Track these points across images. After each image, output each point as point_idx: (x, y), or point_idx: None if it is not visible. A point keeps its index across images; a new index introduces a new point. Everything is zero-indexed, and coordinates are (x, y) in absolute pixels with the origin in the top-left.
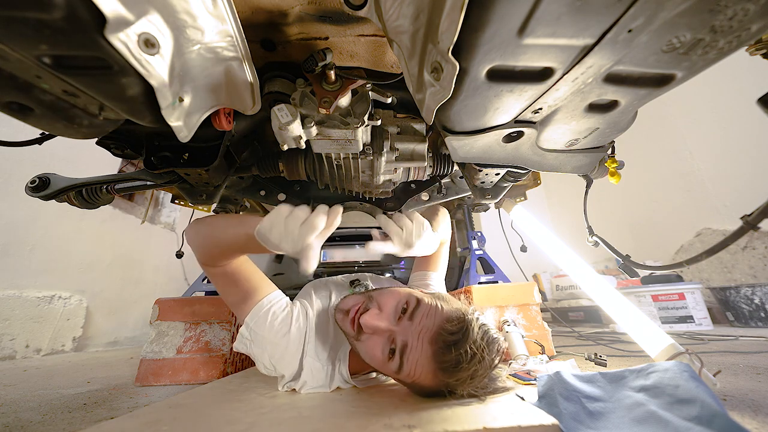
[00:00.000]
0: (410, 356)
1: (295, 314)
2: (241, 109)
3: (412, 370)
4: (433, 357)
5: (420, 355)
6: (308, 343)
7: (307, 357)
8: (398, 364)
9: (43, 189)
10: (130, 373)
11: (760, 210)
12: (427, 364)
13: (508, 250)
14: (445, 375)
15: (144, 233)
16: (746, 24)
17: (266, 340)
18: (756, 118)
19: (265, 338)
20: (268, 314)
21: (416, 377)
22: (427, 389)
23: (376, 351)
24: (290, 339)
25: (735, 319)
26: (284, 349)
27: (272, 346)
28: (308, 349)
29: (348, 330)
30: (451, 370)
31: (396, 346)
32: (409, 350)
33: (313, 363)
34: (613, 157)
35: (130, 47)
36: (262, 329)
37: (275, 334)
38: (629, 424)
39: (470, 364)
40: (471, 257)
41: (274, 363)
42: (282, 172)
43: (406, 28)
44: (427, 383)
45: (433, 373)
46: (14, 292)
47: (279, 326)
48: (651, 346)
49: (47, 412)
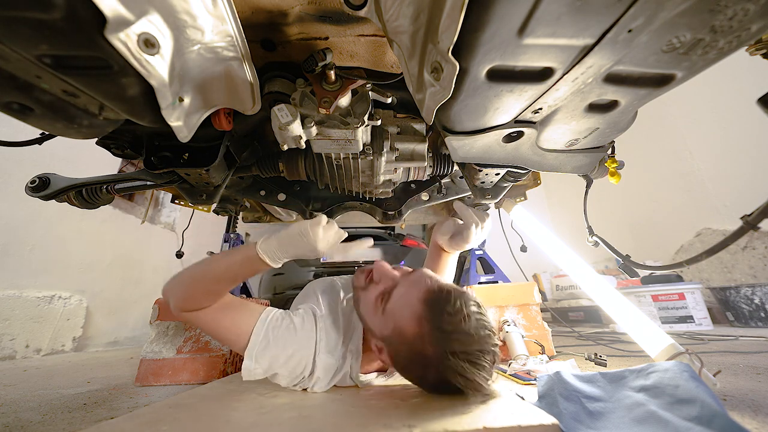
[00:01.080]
0: (397, 293)
1: (289, 320)
2: (241, 109)
3: (396, 307)
4: (423, 300)
5: (409, 295)
6: (320, 341)
7: (320, 354)
8: (385, 303)
9: (43, 189)
10: (130, 373)
11: (760, 210)
12: (415, 304)
13: (508, 250)
14: (432, 322)
15: (144, 233)
16: (746, 24)
17: (274, 355)
18: (756, 118)
19: (272, 354)
20: (268, 332)
21: (400, 319)
22: (409, 341)
23: (371, 296)
24: (299, 341)
25: (735, 319)
26: (294, 353)
27: (283, 356)
28: (321, 347)
29: (359, 282)
30: (440, 317)
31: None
32: (399, 290)
33: (327, 359)
34: (613, 157)
35: (130, 47)
36: (267, 352)
37: (280, 345)
38: (629, 424)
39: (457, 315)
40: (471, 257)
41: (292, 370)
42: (282, 172)
43: (406, 28)
44: (410, 330)
45: (417, 318)
46: (14, 292)
47: (280, 337)
48: (651, 346)
49: (47, 412)
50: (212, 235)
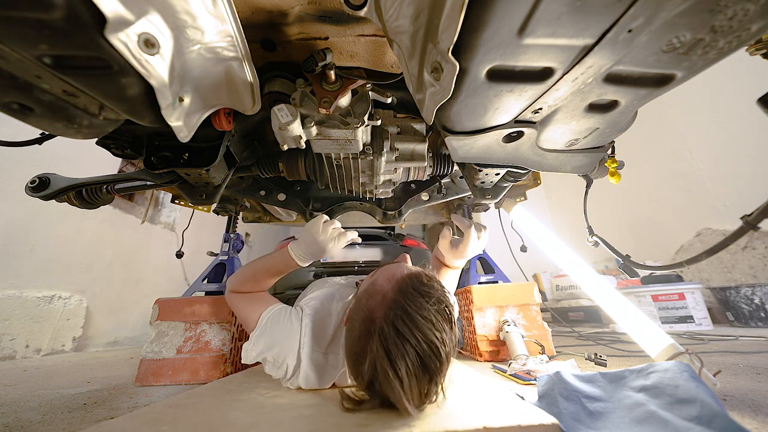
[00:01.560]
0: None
1: (286, 314)
2: (241, 109)
3: (381, 270)
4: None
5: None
6: (305, 336)
7: (304, 347)
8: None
9: (43, 189)
10: (130, 373)
11: (760, 210)
12: (401, 269)
13: (508, 250)
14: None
15: (144, 233)
16: (746, 24)
17: (267, 341)
18: (756, 118)
19: (266, 340)
20: (268, 321)
21: (379, 276)
22: (371, 292)
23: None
24: (284, 334)
25: (735, 319)
26: (281, 343)
27: (271, 337)
28: (305, 341)
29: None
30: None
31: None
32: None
33: (312, 353)
34: (613, 157)
35: (130, 47)
36: (262, 338)
37: (271, 333)
38: (629, 424)
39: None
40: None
41: (276, 357)
42: (282, 172)
43: (406, 28)
44: (380, 283)
45: (391, 278)
46: (14, 292)
47: (274, 326)
48: (651, 346)
49: (47, 412)
50: (212, 235)
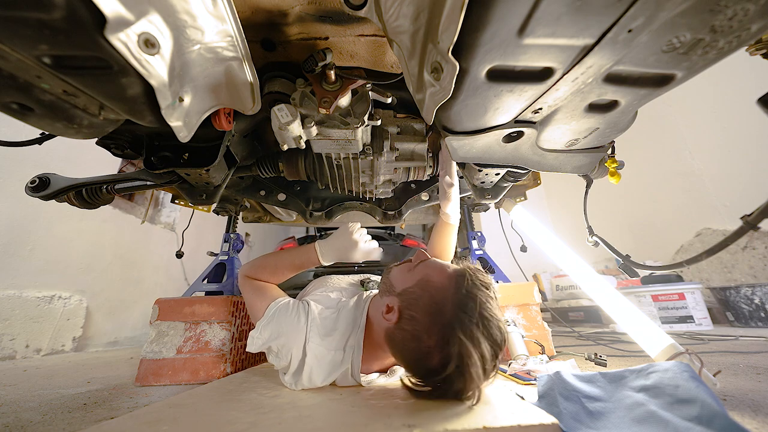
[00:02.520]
0: (433, 260)
1: (294, 307)
2: (241, 109)
3: (430, 264)
4: (456, 270)
5: (444, 263)
6: (311, 330)
7: (310, 343)
8: (418, 264)
9: (43, 189)
10: (130, 373)
11: (760, 210)
12: (450, 268)
13: (508, 250)
14: (460, 287)
15: (144, 233)
16: (746, 24)
17: (274, 324)
18: (756, 118)
19: (272, 329)
20: (278, 310)
21: (431, 271)
22: (433, 289)
23: (405, 264)
24: (291, 326)
25: (735, 319)
26: (290, 331)
27: (277, 328)
28: (311, 336)
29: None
30: (470, 289)
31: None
32: (434, 259)
33: (317, 348)
34: (613, 157)
35: (130, 47)
36: (268, 327)
37: (282, 320)
38: (629, 424)
39: (486, 296)
40: (471, 257)
41: (281, 347)
42: (282, 172)
43: (406, 28)
44: (438, 280)
45: (449, 276)
46: (14, 292)
47: (281, 317)
48: (651, 346)
49: (47, 412)
50: (212, 235)
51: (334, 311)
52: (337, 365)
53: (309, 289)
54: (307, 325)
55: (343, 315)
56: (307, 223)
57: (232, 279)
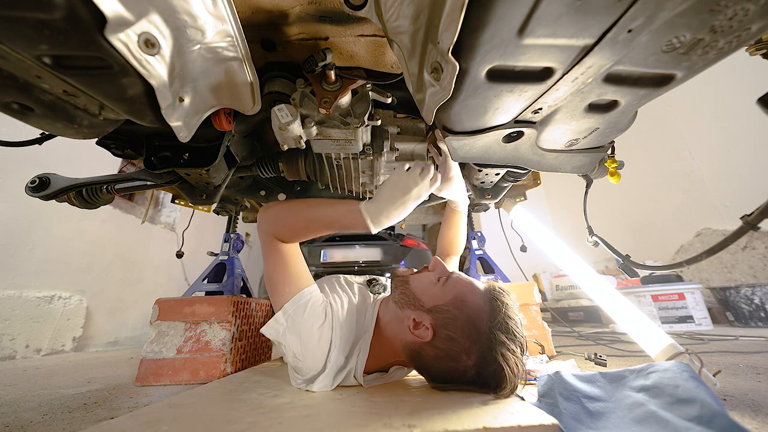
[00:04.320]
0: (458, 276)
1: (329, 309)
2: (241, 109)
3: (461, 282)
4: (491, 286)
5: (472, 280)
6: (336, 337)
7: (334, 350)
8: (447, 280)
9: (43, 189)
10: (130, 373)
11: (760, 210)
12: (479, 286)
13: (508, 250)
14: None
15: (144, 233)
16: (746, 24)
17: (302, 329)
18: (756, 118)
19: (301, 327)
20: (307, 304)
21: (464, 290)
22: (469, 309)
23: (430, 275)
24: (323, 332)
25: (735, 319)
26: (317, 342)
27: (307, 336)
28: (336, 343)
29: (406, 272)
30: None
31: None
32: (460, 275)
33: (338, 357)
34: (613, 157)
35: (130, 47)
36: (301, 317)
37: (311, 325)
38: (629, 424)
39: (510, 312)
40: (471, 257)
41: (305, 353)
42: (282, 172)
43: (406, 28)
44: (473, 300)
45: (482, 296)
46: (14, 292)
47: (316, 318)
48: (651, 346)
49: (47, 412)
50: (212, 235)
51: (352, 316)
52: (344, 369)
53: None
54: (332, 338)
55: (355, 320)
56: None
57: (233, 279)
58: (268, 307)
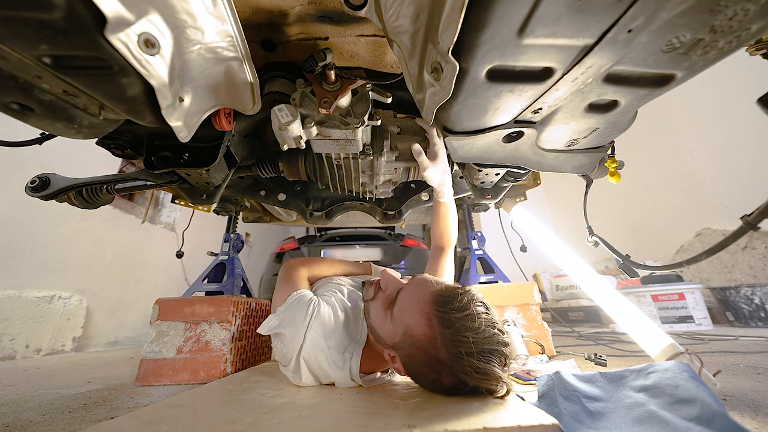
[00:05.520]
0: (403, 296)
1: (309, 300)
2: (241, 109)
3: (404, 309)
4: (430, 299)
5: (415, 295)
6: (314, 320)
7: (310, 330)
8: (393, 307)
9: (43, 189)
10: (130, 373)
11: (760, 210)
12: (422, 303)
13: (508, 250)
14: (441, 321)
15: (144, 233)
16: (746, 24)
17: (287, 316)
18: (756, 118)
19: (285, 315)
20: (294, 301)
21: (409, 320)
22: (421, 343)
23: (379, 304)
24: (301, 315)
25: (735, 319)
26: (295, 325)
27: (290, 320)
28: (314, 324)
29: (368, 294)
30: (449, 315)
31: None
32: (404, 293)
33: (315, 337)
34: (613, 157)
35: (130, 47)
36: (287, 310)
37: (293, 312)
38: (629, 424)
39: (465, 312)
40: (471, 257)
41: (288, 335)
42: (282, 172)
43: (406, 28)
44: (420, 331)
45: (426, 318)
46: (14, 292)
47: (297, 306)
48: (651, 346)
49: (47, 412)
50: (212, 235)
51: (340, 312)
52: (334, 367)
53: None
54: (312, 316)
55: (345, 319)
56: (307, 223)
57: (233, 279)
58: (267, 307)
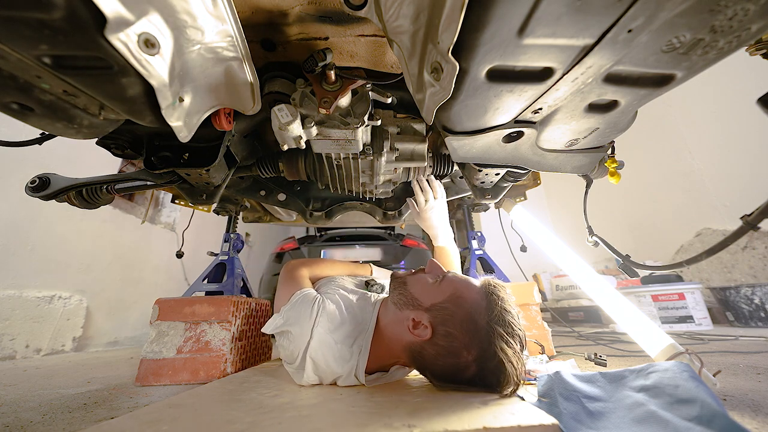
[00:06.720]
0: (454, 275)
1: (313, 298)
2: (241, 109)
3: (457, 279)
4: (481, 285)
5: (467, 279)
6: (321, 316)
7: (318, 327)
8: (443, 278)
9: (43, 189)
10: (130, 373)
11: (760, 210)
12: (475, 283)
13: (508, 250)
14: (489, 300)
15: (144, 233)
16: (746, 24)
17: (292, 315)
18: (756, 118)
19: (290, 314)
20: (299, 299)
21: (461, 287)
22: (467, 305)
23: (426, 276)
24: (306, 312)
25: (735, 319)
26: (300, 323)
27: (295, 318)
28: (320, 320)
29: (402, 274)
30: (496, 300)
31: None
32: (455, 274)
33: (323, 334)
34: (613, 157)
35: (130, 47)
36: (292, 309)
37: (297, 310)
38: (629, 424)
39: (507, 305)
40: (471, 257)
41: (294, 333)
42: (282, 172)
43: (406, 28)
44: (471, 296)
45: (479, 291)
46: (14, 292)
47: (301, 304)
48: (651, 346)
49: (47, 412)
50: (212, 235)
51: (345, 308)
52: (341, 362)
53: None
54: (318, 313)
55: (351, 314)
56: (307, 223)
57: (232, 279)
58: (267, 307)
